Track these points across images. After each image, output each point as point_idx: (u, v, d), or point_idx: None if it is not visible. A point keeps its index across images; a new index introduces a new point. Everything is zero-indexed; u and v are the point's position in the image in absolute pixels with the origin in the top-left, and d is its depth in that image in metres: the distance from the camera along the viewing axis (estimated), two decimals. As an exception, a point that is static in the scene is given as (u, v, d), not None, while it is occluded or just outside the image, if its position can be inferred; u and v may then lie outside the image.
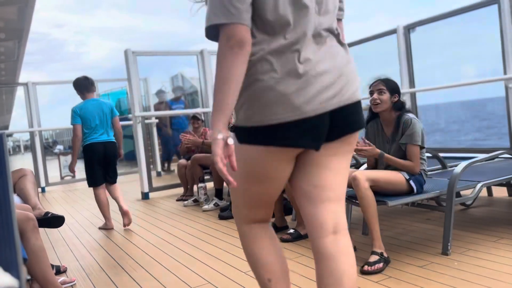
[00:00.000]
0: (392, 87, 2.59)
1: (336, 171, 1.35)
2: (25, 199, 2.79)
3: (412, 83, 5.16)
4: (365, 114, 2.76)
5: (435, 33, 5.20)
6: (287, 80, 1.20)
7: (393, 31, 5.22)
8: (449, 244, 2.47)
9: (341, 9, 1.40)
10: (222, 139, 1.14)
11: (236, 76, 1.16)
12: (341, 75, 1.26)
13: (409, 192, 2.54)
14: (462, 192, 3.06)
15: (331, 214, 1.34)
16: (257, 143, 1.25)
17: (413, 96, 5.21)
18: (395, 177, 2.50)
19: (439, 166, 3.59)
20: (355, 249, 2.64)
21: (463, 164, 2.64)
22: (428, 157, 3.86)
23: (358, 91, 1.31)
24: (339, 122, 1.26)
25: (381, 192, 2.49)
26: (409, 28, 5.08)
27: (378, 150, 2.53)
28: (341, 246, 1.32)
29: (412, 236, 2.88)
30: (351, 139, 1.33)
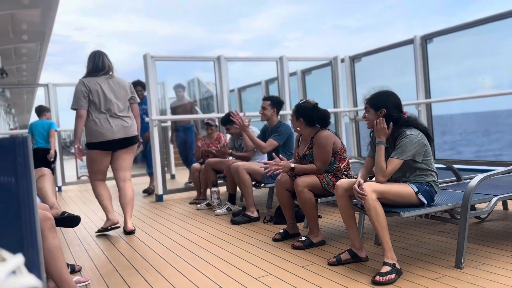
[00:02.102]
0: (375, 104, 2.58)
1: (123, 160, 3.80)
2: (43, 198, 2.86)
3: (428, 94, 5.13)
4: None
5: (452, 43, 5.16)
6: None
7: (410, 41, 5.20)
8: (462, 257, 2.45)
9: (132, 99, 3.79)
10: (77, 147, 3.74)
11: (82, 127, 3.63)
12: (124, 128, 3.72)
13: (420, 205, 2.52)
14: (477, 205, 3.03)
15: (122, 175, 3.80)
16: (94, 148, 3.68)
17: (428, 106, 5.17)
18: (404, 190, 2.48)
19: (454, 178, 3.56)
20: (366, 259, 2.64)
21: (479, 177, 2.62)
22: (442, 168, 3.84)
23: (132, 133, 3.77)
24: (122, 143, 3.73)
25: (390, 204, 2.48)
26: (426, 39, 5.05)
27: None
28: (126, 185, 3.82)
29: (425, 248, 2.87)
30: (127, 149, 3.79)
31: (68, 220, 2.77)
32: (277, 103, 4.25)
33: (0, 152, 0.99)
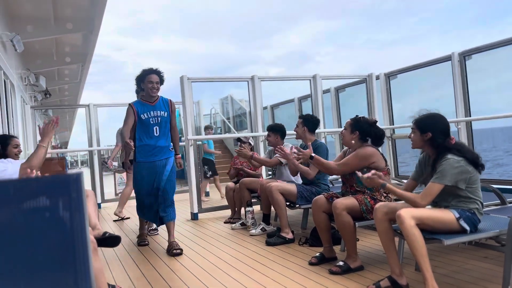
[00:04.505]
0: (421, 126, 2.56)
1: None
2: (86, 220, 2.97)
3: (467, 112, 4.99)
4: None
5: (491, 57, 4.99)
6: None
7: (448, 58, 5.09)
8: (509, 286, 2.35)
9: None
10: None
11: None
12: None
13: (462, 231, 2.44)
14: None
15: None
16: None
17: (468, 124, 5.02)
18: (444, 216, 2.42)
19: (498, 201, 3.43)
20: (407, 286, 2.57)
21: (525, 202, 2.52)
22: (483, 190, 3.70)
23: None
24: None
25: (431, 231, 2.42)
26: (464, 55, 4.93)
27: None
28: None
29: (469, 275, 2.76)
30: None
31: (109, 240, 2.85)
32: (309, 121, 4.19)
33: (55, 188, 1.04)
